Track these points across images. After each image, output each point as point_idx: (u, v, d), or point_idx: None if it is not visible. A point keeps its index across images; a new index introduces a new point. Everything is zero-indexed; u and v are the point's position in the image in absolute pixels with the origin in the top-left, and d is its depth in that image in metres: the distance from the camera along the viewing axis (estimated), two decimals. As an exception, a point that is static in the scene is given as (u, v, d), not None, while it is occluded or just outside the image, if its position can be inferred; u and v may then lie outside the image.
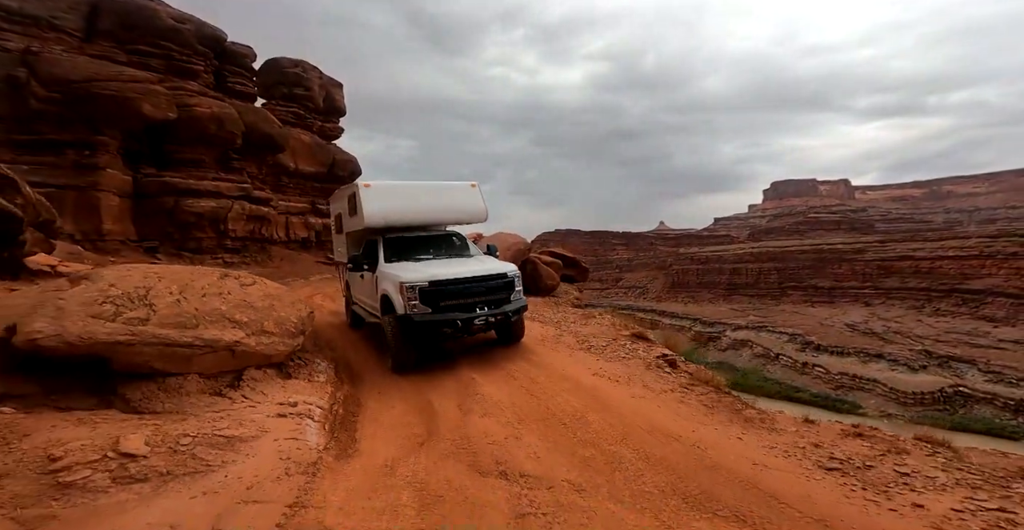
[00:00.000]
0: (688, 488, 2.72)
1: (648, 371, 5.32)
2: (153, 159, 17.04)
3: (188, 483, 2.74)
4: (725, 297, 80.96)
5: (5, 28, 16.05)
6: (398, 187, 7.32)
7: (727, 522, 2.36)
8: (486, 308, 5.77)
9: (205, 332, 3.98)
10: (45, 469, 2.57)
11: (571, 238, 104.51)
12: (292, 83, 26.16)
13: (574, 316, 9.07)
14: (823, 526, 2.30)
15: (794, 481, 2.79)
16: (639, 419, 3.72)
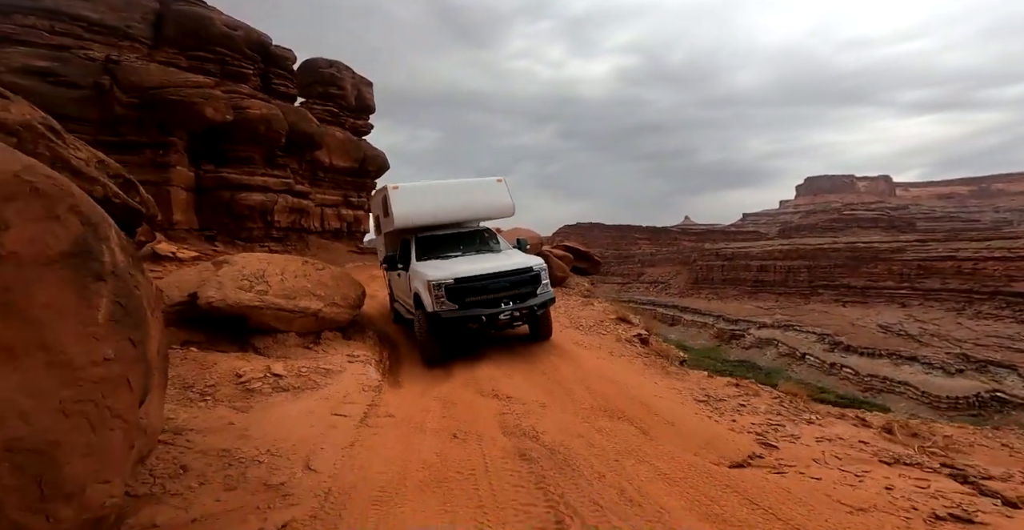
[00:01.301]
0: (608, 406, 4.49)
1: (617, 343, 7.06)
2: (212, 157, 19.52)
3: (311, 392, 4.68)
4: (751, 294, 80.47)
5: (87, 38, 18.56)
6: (426, 187, 7.60)
7: (621, 422, 4.12)
8: (511, 303, 5.94)
9: (300, 302, 5.95)
10: (236, 381, 4.55)
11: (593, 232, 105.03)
12: (327, 83, 28.36)
13: (575, 303, 10.83)
14: (671, 425, 4.03)
15: (671, 405, 4.54)
16: (595, 371, 5.50)
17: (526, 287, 6.15)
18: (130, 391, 1.78)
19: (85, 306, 1.64)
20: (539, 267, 6.37)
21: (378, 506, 2.79)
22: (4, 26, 16.46)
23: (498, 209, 7.81)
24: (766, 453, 3.56)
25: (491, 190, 7.80)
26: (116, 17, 19.51)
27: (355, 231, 29.17)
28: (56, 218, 1.62)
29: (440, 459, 3.38)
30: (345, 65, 29.62)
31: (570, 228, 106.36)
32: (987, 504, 2.73)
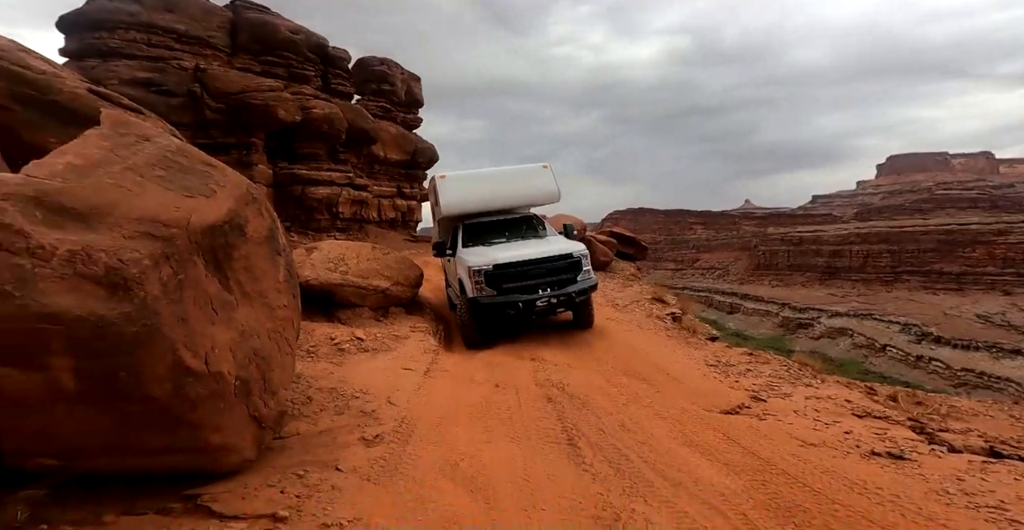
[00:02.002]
0: (627, 368, 5.36)
1: (647, 319, 7.83)
2: (284, 155, 21.84)
3: (385, 353, 5.93)
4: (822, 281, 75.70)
5: (178, 48, 21.16)
6: (472, 176, 7.89)
7: (635, 379, 4.99)
8: (548, 289, 6.06)
9: (372, 281, 7.26)
10: (330, 343, 5.88)
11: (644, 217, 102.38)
12: (379, 80, 30.16)
13: (614, 285, 11.60)
14: (677, 382, 4.83)
15: (682, 368, 5.32)
16: (621, 341, 6.37)
17: (565, 273, 6.21)
18: (294, 329, 2.93)
19: (275, 270, 2.79)
20: (579, 253, 6.38)
21: (438, 427, 3.89)
22: (111, 41, 19.20)
23: (544, 195, 7.90)
24: (754, 405, 4.29)
25: (536, 176, 7.88)
26: (199, 27, 22.03)
27: (409, 221, 31.24)
28: (261, 214, 2.77)
29: (484, 400, 4.44)
30: (394, 62, 31.29)
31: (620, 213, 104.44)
32: (926, 449, 3.34)
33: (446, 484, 2.96)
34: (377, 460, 3.18)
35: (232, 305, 2.26)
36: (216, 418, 2.08)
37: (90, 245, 1.60)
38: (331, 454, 3.21)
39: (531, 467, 3.15)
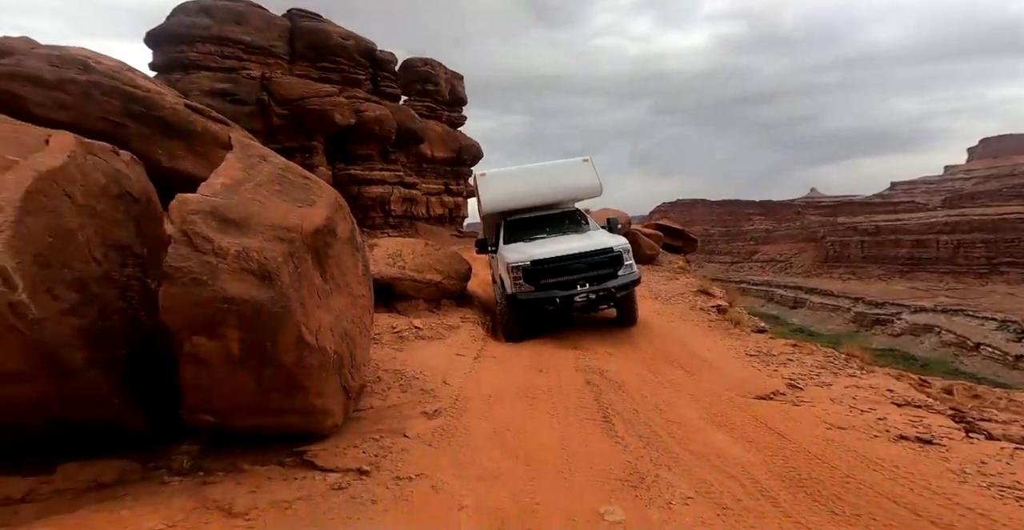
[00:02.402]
0: (665, 357, 5.65)
1: (691, 311, 8.00)
2: (340, 157, 23.39)
3: (439, 340, 6.58)
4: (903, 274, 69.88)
5: (246, 59, 23.11)
6: (512, 172, 7.99)
7: (672, 366, 5.29)
8: (587, 285, 6.05)
9: (426, 275, 7.95)
10: (392, 331, 6.61)
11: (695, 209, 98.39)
12: (423, 80, 31.27)
13: (659, 278, 11.71)
14: (714, 369, 5.07)
15: (721, 357, 5.53)
16: (661, 331, 6.66)
17: (606, 268, 6.19)
18: (370, 316, 3.55)
19: (356, 264, 3.42)
20: (620, 247, 6.32)
21: (487, 404, 4.43)
22: (191, 54, 21.34)
23: (585, 189, 7.90)
24: (790, 392, 4.48)
25: (577, 171, 7.86)
26: (263, 37, 23.92)
27: (456, 217, 32.37)
28: (345, 218, 3.40)
29: (528, 382, 4.94)
30: (437, 62, 32.33)
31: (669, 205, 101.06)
32: (960, 436, 3.43)
33: (494, 450, 3.49)
34: (436, 429, 3.77)
35: (329, 293, 2.88)
36: (320, 385, 2.70)
37: (247, 246, 2.22)
38: (399, 424, 3.83)
39: (568, 438, 3.62)
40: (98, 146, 2.70)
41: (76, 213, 2.24)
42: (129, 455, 2.70)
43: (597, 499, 2.81)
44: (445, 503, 2.78)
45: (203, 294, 2.04)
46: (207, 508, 2.36)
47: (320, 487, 2.81)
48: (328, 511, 2.58)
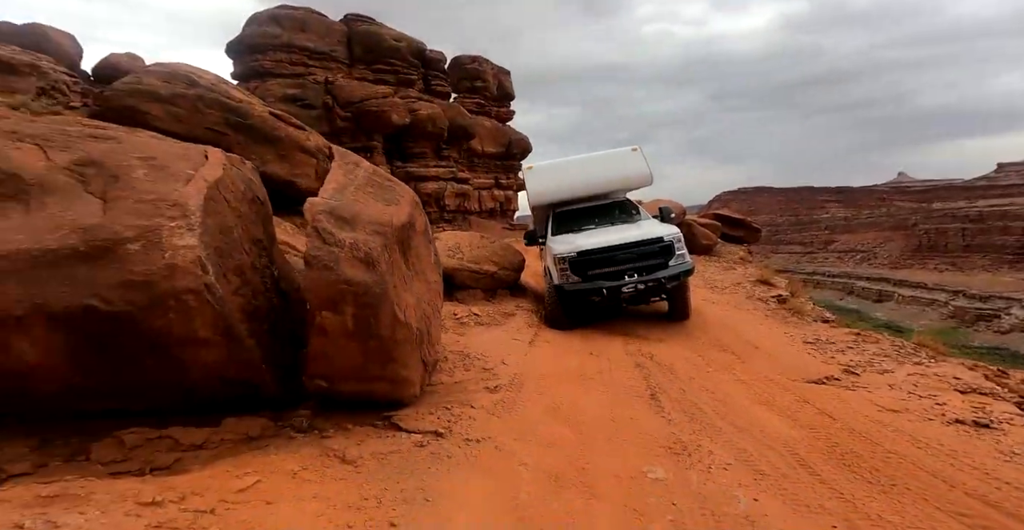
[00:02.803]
0: (718, 343, 5.82)
1: (747, 301, 8.00)
2: (397, 155, 24.68)
3: (497, 326, 7.13)
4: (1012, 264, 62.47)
5: (311, 64, 24.84)
6: (559, 164, 8.10)
7: (724, 352, 5.46)
8: (636, 275, 6.02)
9: (483, 266, 8.52)
10: (453, 318, 7.24)
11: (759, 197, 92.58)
12: (472, 77, 32.00)
13: (715, 268, 11.62)
14: (767, 356, 5.19)
15: (775, 344, 5.61)
16: (714, 319, 6.78)
17: (656, 258, 6.14)
18: (440, 299, 4.10)
19: (429, 254, 3.98)
20: (671, 237, 6.27)
21: (542, 382, 4.88)
22: (265, 62, 23.30)
23: (634, 179, 7.90)
24: (845, 378, 4.55)
25: (626, 160, 7.85)
26: (324, 43, 25.58)
27: (506, 210, 33.06)
28: (421, 214, 3.98)
29: (580, 364, 5.34)
30: (485, 58, 32.97)
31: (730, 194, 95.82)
32: (1022, 421, 3.42)
33: (549, 420, 3.94)
34: (498, 402, 4.28)
35: (411, 279, 3.44)
36: (406, 357, 3.26)
37: (356, 239, 2.81)
38: (465, 397, 4.38)
39: (617, 412, 4.00)
40: (235, 158, 3.41)
41: (231, 214, 2.93)
42: (263, 415, 3.42)
43: (641, 462, 3.19)
44: (507, 461, 3.28)
45: (330, 277, 2.63)
46: (327, 456, 3.00)
47: (406, 444, 3.40)
48: (414, 462, 3.15)
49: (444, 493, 2.76)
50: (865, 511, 2.57)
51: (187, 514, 2.13)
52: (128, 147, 2.84)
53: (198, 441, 2.83)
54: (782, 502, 2.70)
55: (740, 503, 2.69)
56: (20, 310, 2.13)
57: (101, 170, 2.59)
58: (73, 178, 2.52)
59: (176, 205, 2.53)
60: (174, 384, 2.71)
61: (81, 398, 2.61)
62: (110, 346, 2.33)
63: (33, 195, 2.39)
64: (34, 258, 2.17)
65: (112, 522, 1.93)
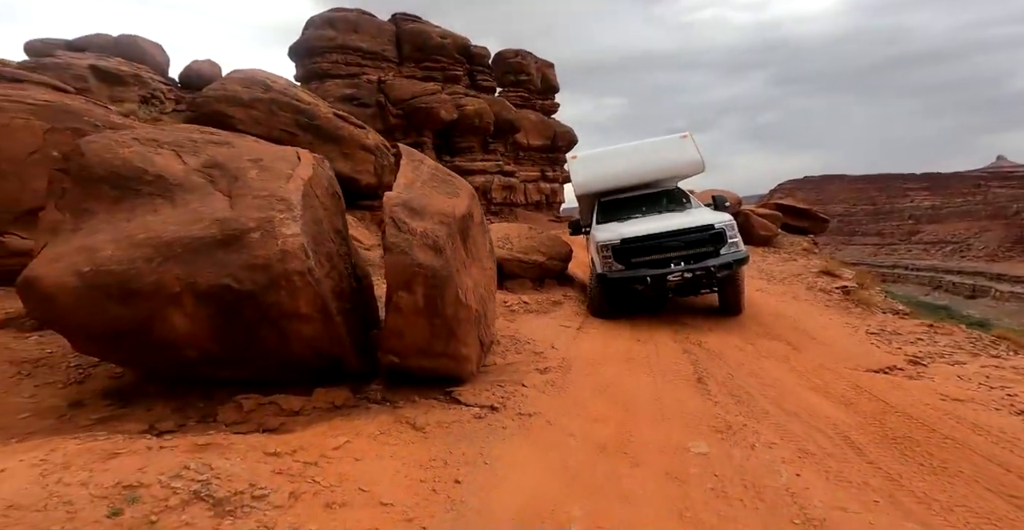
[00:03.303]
0: (771, 332, 5.80)
1: (806, 291, 7.80)
2: (446, 150, 25.45)
3: (545, 314, 7.42)
4: None
5: (364, 65, 26.07)
6: (605, 153, 8.05)
7: (777, 341, 5.45)
8: (682, 263, 5.89)
9: (531, 256, 8.84)
10: (504, 305, 7.59)
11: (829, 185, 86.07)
12: (516, 71, 32.22)
13: (774, 260, 11.29)
14: (823, 345, 5.12)
15: (834, 334, 5.51)
16: (768, 309, 6.71)
17: (704, 246, 6.01)
18: (494, 285, 4.45)
19: (484, 242, 4.34)
20: (723, 224, 6.10)
21: (590, 365, 5.13)
22: (323, 64, 24.76)
23: (684, 166, 7.77)
24: (909, 368, 4.45)
25: (675, 148, 7.73)
26: (375, 43, 26.75)
27: (552, 202, 33.18)
28: (477, 206, 4.34)
29: (627, 349, 5.53)
30: (528, 51, 33.10)
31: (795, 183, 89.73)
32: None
33: (596, 398, 4.20)
34: (549, 382, 4.59)
35: (468, 264, 3.80)
36: (466, 336, 3.64)
37: (426, 228, 3.21)
38: (517, 376, 4.72)
39: (663, 393, 4.19)
40: (319, 157, 3.93)
41: (320, 207, 3.42)
42: (344, 387, 3.94)
43: (685, 438, 3.39)
44: (558, 433, 3.58)
45: (406, 261, 3.04)
46: (401, 423, 3.44)
47: (466, 416, 3.78)
48: (473, 431, 3.52)
49: (500, 458, 3.11)
50: (911, 489, 2.65)
51: (299, 464, 2.61)
52: (240, 151, 3.39)
53: (296, 408, 3.36)
54: (825, 478, 2.82)
55: (782, 477, 2.84)
56: (177, 287, 2.68)
57: (224, 171, 3.13)
58: (204, 178, 3.08)
59: (283, 200, 3.03)
60: (277, 354, 3.23)
61: (210, 365, 3.18)
62: (237, 318, 2.86)
63: (176, 193, 2.96)
64: (186, 245, 2.72)
65: (248, 467, 2.43)
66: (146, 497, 2.05)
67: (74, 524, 1.85)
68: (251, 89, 9.80)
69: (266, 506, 2.19)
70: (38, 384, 3.57)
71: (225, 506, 2.12)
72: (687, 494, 2.71)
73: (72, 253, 2.64)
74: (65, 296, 2.56)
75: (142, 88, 12.08)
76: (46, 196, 3.09)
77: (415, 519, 2.39)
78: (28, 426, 3.02)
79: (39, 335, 4.23)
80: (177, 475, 2.21)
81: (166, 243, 2.72)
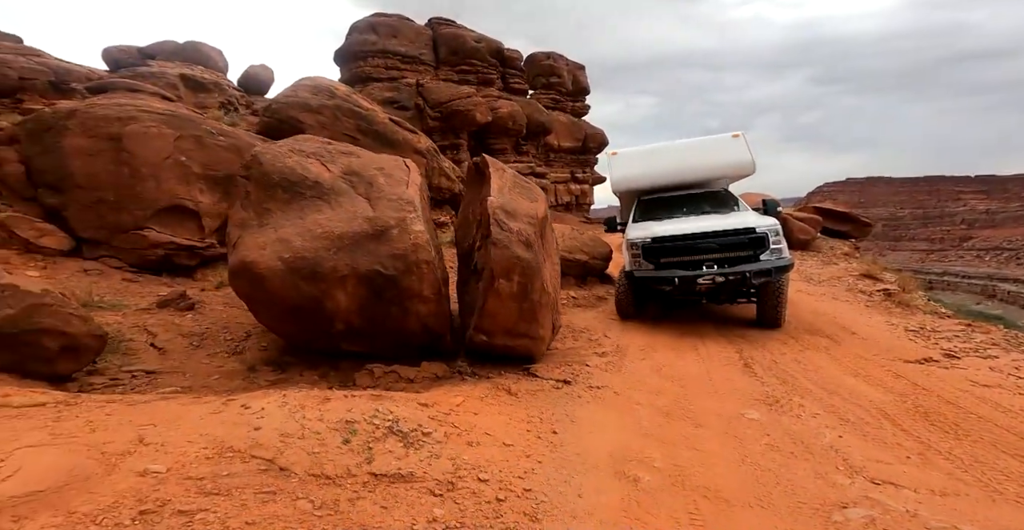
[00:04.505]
0: (812, 329, 6.31)
1: (847, 292, 8.22)
2: (479, 150, 26.38)
3: (592, 308, 8.09)
4: None
5: (403, 68, 27.24)
6: (646, 150, 7.90)
7: (818, 336, 5.97)
8: (715, 266, 5.73)
9: (575, 255, 9.52)
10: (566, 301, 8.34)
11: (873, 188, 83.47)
12: (547, 73, 32.96)
13: (814, 263, 11.66)
14: (863, 339, 5.63)
15: (874, 331, 5.99)
16: (808, 308, 7.21)
17: (741, 250, 5.81)
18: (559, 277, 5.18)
19: (552, 240, 5.08)
20: (765, 228, 5.85)
21: (642, 351, 5.77)
22: (366, 68, 26.04)
23: (734, 167, 7.52)
24: (944, 360, 4.93)
25: (724, 148, 7.51)
26: (414, 47, 27.91)
27: (582, 203, 33.72)
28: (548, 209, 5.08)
29: (674, 339, 6.15)
30: (559, 54, 33.84)
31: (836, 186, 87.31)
32: None
33: (654, 376, 4.86)
34: (608, 363, 5.27)
35: (544, 257, 4.53)
36: (543, 319, 4.36)
37: (519, 228, 3.96)
38: (580, 358, 5.42)
39: (713, 373, 4.81)
40: (415, 164, 4.74)
41: (425, 206, 4.23)
42: (439, 362, 4.71)
43: (738, 407, 4.02)
44: (625, 401, 4.26)
45: (507, 254, 3.78)
46: (498, 389, 4.18)
47: (546, 386, 4.49)
48: (555, 398, 4.21)
49: (583, 418, 3.82)
50: (937, 449, 3.22)
51: (440, 413, 3.37)
52: (365, 160, 4.22)
53: (411, 376, 4.15)
54: (863, 440, 3.41)
55: (825, 437, 3.45)
56: (345, 271, 3.50)
57: (360, 178, 3.96)
58: (347, 184, 3.91)
59: (409, 202, 3.83)
60: (398, 329, 4.03)
61: (345, 338, 4.01)
62: (381, 297, 3.66)
63: (331, 196, 3.79)
64: (350, 238, 3.53)
65: (412, 413, 3.20)
66: (360, 430, 2.84)
67: (324, 448, 2.65)
68: (318, 96, 10.82)
69: (431, 441, 2.96)
70: (209, 354, 4.47)
71: (408, 439, 2.89)
72: (745, 447, 3.36)
73: (272, 243, 3.49)
74: (273, 276, 3.40)
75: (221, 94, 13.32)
76: (232, 199, 3.97)
77: (532, 456, 3.11)
78: (224, 385, 3.89)
79: (192, 314, 5.17)
80: (374, 415, 3.00)
81: (337, 236, 3.54)
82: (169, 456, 2.41)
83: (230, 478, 2.34)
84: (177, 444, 2.51)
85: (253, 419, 2.82)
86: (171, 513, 2.05)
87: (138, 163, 6.08)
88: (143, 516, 2.01)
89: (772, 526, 2.51)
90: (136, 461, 2.34)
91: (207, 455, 2.46)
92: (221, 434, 2.64)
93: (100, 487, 2.13)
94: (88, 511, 1.98)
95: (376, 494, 2.47)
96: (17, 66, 12.00)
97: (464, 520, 2.40)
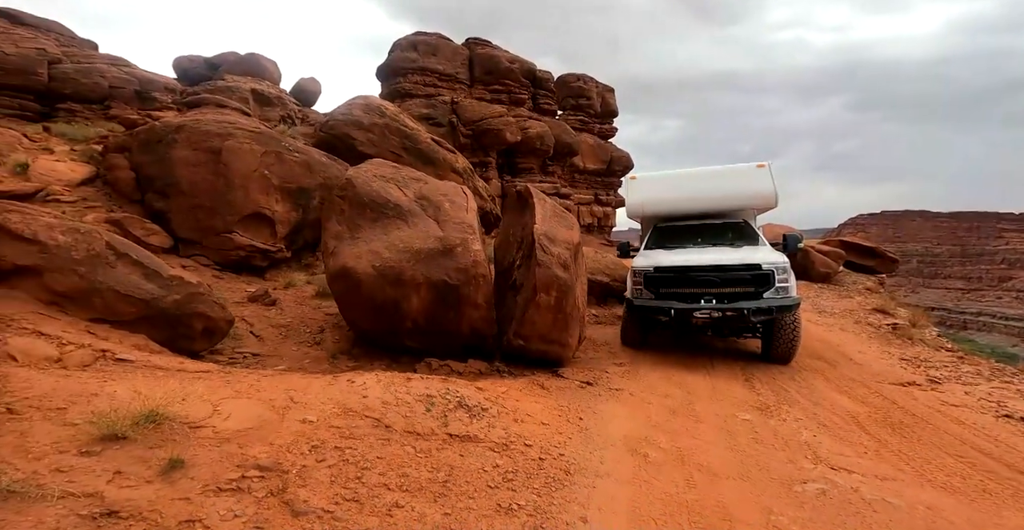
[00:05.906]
0: (813, 354, 7.15)
1: (855, 324, 8.98)
2: (508, 169, 27.71)
3: (612, 326, 9.06)
4: None
5: (440, 86, 28.98)
6: (666, 177, 8.00)
7: (817, 360, 6.81)
8: (714, 301, 5.82)
9: (597, 277, 10.51)
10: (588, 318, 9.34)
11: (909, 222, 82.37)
12: (577, 95, 34.46)
13: (829, 295, 12.38)
14: (857, 365, 6.45)
15: (869, 358, 6.80)
16: (814, 336, 8.03)
17: (745, 286, 5.87)
18: (586, 295, 6.18)
19: (583, 262, 6.11)
20: (772, 266, 5.85)
21: (655, 364, 6.66)
22: (405, 84, 27.84)
23: (754, 198, 7.47)
24: (926, 384, 5.73)
25: (747, 178, 7.45)
26: (450, 66, 29.69)
27: (604, 226, 34.75)
28: (580, 234, 6.12)
29: (684, 356, 7.05)
30: (590, 76, 35.36)
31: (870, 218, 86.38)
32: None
33: (664, 383, 5.78)
34: (625, 371, 6.20)
35: (576, 277, 5.55)
36: (573, 329, 5.34)
37: (558, 252, 4.99)
38: (600, 366, 6.37)
39: (717, 385, 5.71)
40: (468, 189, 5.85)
41: (478, 225, 5.29)
42: (480, 361, 5.71)
43: (734, 410, 4.92)
44: (639, 400, 5.20)
45: (548, 273, 4.81)
46: (533, 384, 5.17)
47: (573, 385, 5.47)
48: (581, 395, 5.17)
49: (604, 411, 4.77)
50: (890, 447, 4.09)
51: (491, 397, 4.37)
52: (433, 187, 5.36)
53: (460, 370, 5.18)
54: (832, 439, 4.29)
55: (802, 436, 4.34)
56: (421, 279, 4.57)
57: (429, 202, 5.08)
58: (419, 207, 5.03)
59: (470, 226, 4.92)
60: (452, 330, 5.08)
61: (409, 335, 5.07)
62: (445, 301, 4.71)
63: (408, 217, 4.90)
64: (425, 253, 4.62)
65: (471, 394, 4.21)
66: (437, 402, 3.87)
67: (413, 413, 3.68)
68: (370, 115, 12.20)
69: (488, 415, 3.96)
70: (295, 343, 5.59)
71: (472, 412, 3.91)
72: (735, 439, 4.27)
73: (366, 253, 4.60)
74: (367, 280, 4.50)
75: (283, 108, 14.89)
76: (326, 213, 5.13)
77: (563, 433, 4.09)
78: (315, 367, 4.98)
79: (275, 309, 6.32)
80: (446, 393, 4.04)
81: (415, 251, 4.64)
82: (314, 411, 3.46)
83: (356, 429, 3.38)
84: (315, 404, 3.57)
85: (360, 390, 3.87)
86: (330, 448, 3.09)
87: (232, 174, 7.35)
88: (314, 449, 3.05)
89: (747, 491, 3.42)
90: (296, 412, 3.40)
91: (337, 412, 3.51)
92: (341, 399, 3.70)
93: (280, 428, 3.19)
94: (281, 443, 3.03)
95: (453, 447, 3.47)
96: (110, 76, 13.78)
97: (517, 468, 3.38)
